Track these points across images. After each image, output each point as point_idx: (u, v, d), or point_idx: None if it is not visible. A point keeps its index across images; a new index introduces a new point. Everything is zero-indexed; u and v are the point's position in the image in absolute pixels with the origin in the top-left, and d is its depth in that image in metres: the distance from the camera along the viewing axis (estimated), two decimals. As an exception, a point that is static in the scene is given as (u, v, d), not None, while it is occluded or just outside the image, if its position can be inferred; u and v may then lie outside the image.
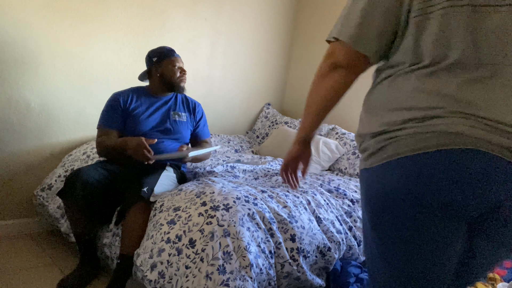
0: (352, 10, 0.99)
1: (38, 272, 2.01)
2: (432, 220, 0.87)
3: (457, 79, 0.86)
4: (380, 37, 0.97)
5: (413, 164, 0.86)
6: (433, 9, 0.89)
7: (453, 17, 0.86)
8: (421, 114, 0.87)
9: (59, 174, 2.30)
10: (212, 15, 3.14)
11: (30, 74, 2.32)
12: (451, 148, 0.83)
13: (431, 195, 0.85)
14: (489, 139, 0.81)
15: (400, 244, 0.92)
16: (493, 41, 0.85)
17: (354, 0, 0.99)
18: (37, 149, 2.43)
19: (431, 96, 0.87)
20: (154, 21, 2.79)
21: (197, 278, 1.42)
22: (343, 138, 3.02)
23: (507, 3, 0.84)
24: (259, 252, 1.56)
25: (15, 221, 2.42)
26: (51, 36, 2.36)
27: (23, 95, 2.32)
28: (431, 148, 0.84)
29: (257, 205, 1.70)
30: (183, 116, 2.23)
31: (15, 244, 2.29)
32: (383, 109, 0.96)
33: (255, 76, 3.61)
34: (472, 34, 0.85)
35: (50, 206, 2.20)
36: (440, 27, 0.88)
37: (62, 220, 2.12)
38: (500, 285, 2.09)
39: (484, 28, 0.85)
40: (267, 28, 3.60)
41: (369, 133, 0.97)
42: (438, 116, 0.85)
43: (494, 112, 0.83)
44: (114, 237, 1.85)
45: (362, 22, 0.96)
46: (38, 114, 2.39)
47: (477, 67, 0.86)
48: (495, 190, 0.83)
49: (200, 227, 1.55)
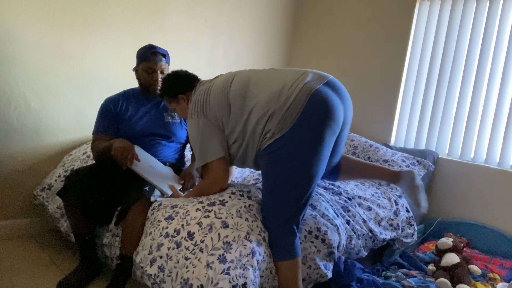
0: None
1: (38, 272, 2.00)
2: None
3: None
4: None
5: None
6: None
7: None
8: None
9: (59, 174, 2.30)
10: (212, 15, 3.14)
11: (30, 74, 2.32)
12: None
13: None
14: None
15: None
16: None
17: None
18: (37, 149, 2.43)
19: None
20: (154, 21, 2.79)
21: (197, 268, 1.42)
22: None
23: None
24: (260, 241, 1.56)
25: (15, 221, 2.42)
26: (51, 36, 2.36)
27: (23, 95, 2.32)
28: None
29: (250, 198, 1.72)
30: (176, 116, 2.17)
31: (15, 244, 2.29)
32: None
33: (255, 76, 3.61)
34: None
35: (50, 206, 2.20)
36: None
37: (62, 220, 2.12)
38: (500, 285, 2.09)
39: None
40: (267, 28, 3.60)
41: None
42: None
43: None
44: (113, 237, 1.85)
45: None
46: (38, 114, 2.39)
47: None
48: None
49: (198, 220, 1.56)
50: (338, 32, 3.57)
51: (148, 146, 2.06)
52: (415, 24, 3.15)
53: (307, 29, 3.77)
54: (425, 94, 3.11)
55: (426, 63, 3.11)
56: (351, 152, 2.92)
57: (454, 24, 2.99)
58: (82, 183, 1.83)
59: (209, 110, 1.68)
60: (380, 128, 3.25)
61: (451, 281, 2.09)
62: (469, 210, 2.85)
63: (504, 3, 2.78)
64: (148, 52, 2.04)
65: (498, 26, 2.80)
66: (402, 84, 3.20)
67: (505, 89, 2.74)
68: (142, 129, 2.08)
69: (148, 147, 2.06)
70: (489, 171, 2.77)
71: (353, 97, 3.40)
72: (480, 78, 2.85)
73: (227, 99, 1.66)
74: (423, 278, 2.14)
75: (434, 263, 2.27)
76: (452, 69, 2.98)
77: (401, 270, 2.23)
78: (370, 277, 1.96)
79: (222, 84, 1.70)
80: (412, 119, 3.16)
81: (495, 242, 2.64)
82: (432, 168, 2.75)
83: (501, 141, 2.76)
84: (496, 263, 2.41)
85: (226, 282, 1.38)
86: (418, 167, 2.71)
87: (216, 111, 1.67)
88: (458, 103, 2.95)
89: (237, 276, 1.41)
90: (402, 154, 2.82)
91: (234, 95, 1.65)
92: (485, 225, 2.73)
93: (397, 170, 1.89)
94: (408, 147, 3.15)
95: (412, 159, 2.77)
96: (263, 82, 1.64)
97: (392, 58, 3.22)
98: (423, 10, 3.14)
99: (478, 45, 2.88)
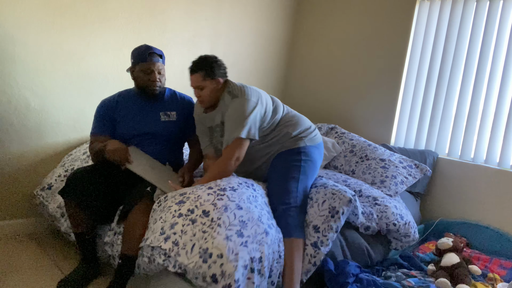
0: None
1: (38, 272, 2.01)
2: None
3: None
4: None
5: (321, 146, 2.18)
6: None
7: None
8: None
9: (59, 174, 2.30)
10: (212, 15, 3.14)
11: (30, 74, 2.32)
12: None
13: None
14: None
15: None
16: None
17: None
18: (37, 149, 2.43)
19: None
20: (154, 21, 2.80)
21: (217, 239, 1.48)
22: (342, 137, 3.02)
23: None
24: (271, 226, 1.67)
25: (15, 221, 2.42)
26: (51, 36, 2.36)
27: (23, 95, 2.32)
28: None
29: (255, 190, 1.84)
30: (172, 115, 2.14)
31: (15, 244, 2.29)
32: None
33: (255, 76, 3.61)
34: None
35: (50, 205, 2.20)
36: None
37: (62, 220, 2.12)
38: (500, 285, 2.09)
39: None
40: (267, 28, 3.60)
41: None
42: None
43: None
44: (115, 235, 1.85)
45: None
46: (38, 114, 2.39)
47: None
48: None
49: (212, 201, 1.63)
50: (338, 32, 3.57)
51: (145, 146, 2.06)
52: (415, 24, 3.15)
53: (307, 29, 3.77)
54: (425, 94, 3.11)
55: (426, 63, 3.11)
56: (349, 150, 2.91)
57: (454, 24, 2.99)
58: (84, 182, 1.84)
59: (262, 103, 1.98)
60: (380, 128, 3.25)
61: (451, 281, 2.09)
62: (469, 210, 2.85)
63: (504, 3, 2.78)
64: (146, 52, 2.03)
65: (498, 26, 2.80)
66: (402, 84, 3.20)
67: (505, 89, 2.74)
68: (138, 129, 2.08)
69: (145, 146, 2.06)
70: (489, 171, 2.77)
71: (353, 97, 3.40)
72: (480, 78, 2.85)
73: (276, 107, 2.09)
74: (423, 278, 2.14)
75: (434, 263, 2.27)
76: (452, 69, 2.98)
77: (401, 270, 2.23)
78: (370, 277, 1.96)
79: (269, 96, 2.14)
80: (412, 119, 3.17)
81: (495, 242, 2.64)
82: (429, 173, 2.72)
83: (501, 141, 2.76)
84: (496, 263, 2.41)
85: (245, 253, 1.48)
86: (415, 171, 2.70)
87: (265, 110, 2.01)
88: (458, 103, 2.95)
89: (254, 249, 1.52)
90: (400, 156, 2.81)
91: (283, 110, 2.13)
92: (485, 225, 2.73)
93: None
94: (408, 147, 3.15)
95: (410, 162, 2.76)
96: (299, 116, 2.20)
97: (392, 58, 3.22)
98: (423, 10, 3.14)
99: (478, 45, 2.88)
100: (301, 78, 3.78)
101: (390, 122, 3.23)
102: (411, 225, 2.31)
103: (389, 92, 3.23)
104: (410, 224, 2.29)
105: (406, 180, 2.61)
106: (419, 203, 2.97)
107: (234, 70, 3.41)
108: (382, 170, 2.64)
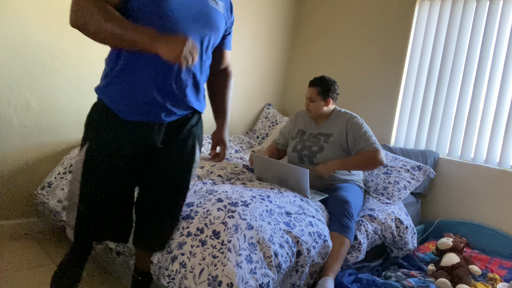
0: None
1: (38, 272, 2.01)
2: None
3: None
4: None
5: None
6: None
7: None
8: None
9: (58, 172, 2.31)
10: (212, 15, 3.13)
11: (30, 74, 2.32)
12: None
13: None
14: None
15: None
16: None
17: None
18: (37, 149, 2.43)
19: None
20: (154, 21, 2.79)
21: (227, 267, 1.44)
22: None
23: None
24: (283, 243, 1.63)
25: (15, 221, 2.42)
26: (51, 36, 2.36)
27: (23, 95, 2.32)
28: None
29: (271, 202, 1.80)
30: (220, 5, 1.54)
31: (15, 244, 2.29)
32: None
33: (255, 76, 3.61)
34: None
35: (51, 202, 2.20)
36: None
37: (63, 213, 2.10)
38: (500, 285, 2.09)
39: None
40: (267, 28, 3.60)
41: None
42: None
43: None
44: (124, 246, 1.83)
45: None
46: (38, 114, 2.39)
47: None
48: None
49: (223, 220, 1.59)
50: (338, 32, 3.57)
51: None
52: (415, 24, 3.15)
53: (307, 29, 3.77)
54: (425, 94, 3.11)
55: (426, 63, 3.11)
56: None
57: (454, 24, 2.99)
58: (97, 228, 1.53)
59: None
60: (380, 128, 3.25)
61: (451, 281, 2.09)
62: (469, 210, 2.85)
63: (504, 3, 2.78)
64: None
65: (498, 26, 2.80)
66: (402, 84, 3.20)
67: (505, 89, 2.74)
68: (179, 10, 1.38)
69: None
70: (489, 171, 2.77)
71: (353, 97, 3.40)
72: (480, 78, 2.85)
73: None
74: (423, 278, 2.14)
75: (434, 263, 2.27)
76: (452, 69, 2.98)
77: (401, 270, 2.23)
78: (370, 277, 1.95)
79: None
80: (412, 119, 3.16)
81: (495, 242, 2.64)
82: (432, 174, 2.67)
83: (501, 141, 2.76)
84: (496, 263, 2.41)
85: (253, 281, 1.45)
86: (418, 173, 2.67)
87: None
88: (458, 103, 2.95)
89: (262, 275, 1.50)
90: (403, 159, 2.78)
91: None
92: (485, 225, 2.73)
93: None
94: (408, 147, 3.15)
95: (413, 164, 2.71)
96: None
97: (392, 58, 3.22)
98: (423, 10, 3.14)
99: (478, 45, 2.88)
100: (301, 77, 3.78)
101: (390, 122, 3.23)
102: (412, 232, 2.35)
103: (389, 92, 3.23)
104: (411, 230, 2.33)
105: (409, 185, 2.59)
106: (420, 203, 2.97)
107: (234, 70, 3.41)
108: (385, 176, 2.64)
